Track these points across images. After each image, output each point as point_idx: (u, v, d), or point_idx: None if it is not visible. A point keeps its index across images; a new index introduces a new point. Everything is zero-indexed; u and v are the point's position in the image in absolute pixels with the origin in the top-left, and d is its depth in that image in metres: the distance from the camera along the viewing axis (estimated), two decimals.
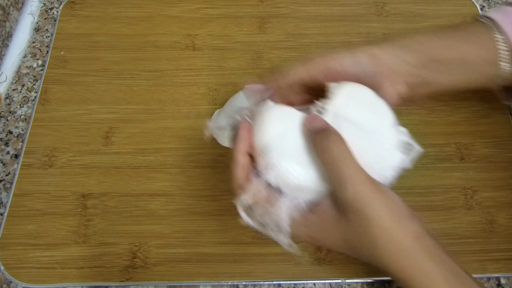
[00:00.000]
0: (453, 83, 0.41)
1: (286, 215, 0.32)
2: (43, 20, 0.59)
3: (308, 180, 0.32)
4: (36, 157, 0.48)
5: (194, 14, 0.58)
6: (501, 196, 0.47)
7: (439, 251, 0.31)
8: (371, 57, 0.38)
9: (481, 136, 0.50)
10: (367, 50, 0.38)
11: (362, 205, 0.30)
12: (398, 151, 0.34)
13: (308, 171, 0.32)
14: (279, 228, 0.32)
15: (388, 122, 0.35)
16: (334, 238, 0.33)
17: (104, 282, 0.42)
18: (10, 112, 0.52)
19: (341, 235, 0.32)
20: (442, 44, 0.39)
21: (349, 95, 0.35)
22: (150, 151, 0.49)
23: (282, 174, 0.32)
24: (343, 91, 0.35)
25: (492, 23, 0.40)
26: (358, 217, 0.31)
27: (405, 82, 0.38)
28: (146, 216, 0.45)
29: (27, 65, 0.55)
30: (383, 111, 0.36)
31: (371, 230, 0.31)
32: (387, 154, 0.34)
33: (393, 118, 0.35)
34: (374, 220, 0.30)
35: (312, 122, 0.34)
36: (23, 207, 0.46)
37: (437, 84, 0.40)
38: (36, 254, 0.43)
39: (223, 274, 0.43)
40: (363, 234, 0.31)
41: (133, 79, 0.53)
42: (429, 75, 0.39)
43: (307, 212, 0.33)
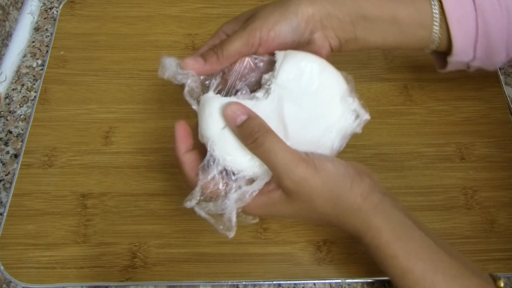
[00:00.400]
0: (383, 42, 0.41)
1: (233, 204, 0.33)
2: (42, 19, 0.59)
3: (252, 167, 0.34)
4: (36, 157, 0.48)
5: (194, 13, 0.58)
6: (501, 196, 0.46)
7: (387, 205, 0.33)
8: (303, 18, 0.37)
9: (481, 136, 0.50)
10: (299, 10, 0.37)
11: (302, 189, 0.32)
12: (345, 119, 0.35)
13: (252, 159, 0.33)
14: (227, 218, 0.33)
15: (336, 91, 0.35)
16: (287, 213, 0.35)
17: (104, 282, 0.42)
18: (10, 112, 0.52)
19: (292, 210, 0.34)
20: (374, 2, 0.39)
21: (295, 67, 0.35)
22: (150, 150, 0.49)
23: (227, 166, 0.34)
24: (288, 64, 0.35)
25: None
26: (302, 198, 0.33)
27: (336, 36, 0.39)
28: (146, 216, 0.45)
29: (27, 65, 0.55)
30: (331, 80, 0.35)
31: (316, 203, 0.33)
32: (334, 126, 0.35)
33: (342, 86, 0.35)
34: (317, 196, 0.33)
35: (234, 117, 0.33)
36: (22, 207, 0.46)
37: (367, 41, 0.40)
38: (35, 254, 0.43)
39: (223, 274, 0.43)
40: (310, 208, 0.34)
41: (133, 78, 0.53)
42: (360, 32, 0.39)
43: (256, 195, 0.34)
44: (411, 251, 0.32)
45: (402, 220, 0.34)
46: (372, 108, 0.47)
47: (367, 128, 0.50)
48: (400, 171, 0.48)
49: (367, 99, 0.52)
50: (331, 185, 0.33)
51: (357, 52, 0.42)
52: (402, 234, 0.33)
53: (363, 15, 0.39)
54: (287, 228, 0.45)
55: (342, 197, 0.33)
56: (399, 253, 0.32)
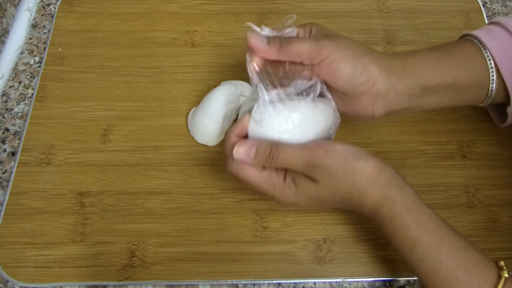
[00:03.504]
0: (438, 106, 0.42)
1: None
2: (40, 16, 0.58)
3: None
4: (33, 155, 0.48)
5: (193, 10, 0.58)
6: (503, 194, 0.46)
7: (399, 180, 0.37)
8: (366, 75, 0.38)
9: (483, 134, 0.49)
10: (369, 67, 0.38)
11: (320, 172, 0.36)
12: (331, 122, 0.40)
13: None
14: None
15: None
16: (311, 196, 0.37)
17: (102, 281, 0.42)
18: (7, 109, 0.51)
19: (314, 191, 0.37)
20: (434, 70, 0.40)
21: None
22: (149, 148, 0.48)
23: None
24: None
25: (479, 43, 0.41)
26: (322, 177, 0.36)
27: (384, 107, 0.39)
28: (144, 214, 0.45)
29: (24, 62, 0.55)
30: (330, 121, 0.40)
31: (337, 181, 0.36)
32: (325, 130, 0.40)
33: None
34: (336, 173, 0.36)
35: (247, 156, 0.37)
36: (20, 205, 0.45)
37: (421, 108, 0.42)
38: (33, 253, 0.43)
39: (222, 273, 0.42)
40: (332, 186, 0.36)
41: (131, 76, 0.53)
42: (414, 102, 0.40)
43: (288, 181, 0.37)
44: (421, 223, 0.35)
45: (413, 195, 0.36)
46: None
47: (368, 126, 0.50)
48: (401, 169, 0.47)
49: None
50: (345, 161, 0.36)
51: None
52: (414, 206, 0.36)
53: (424, 86, 0.40)
54: (287, 227, 0.44)
55: (359, 170, 0.36)
56: (411, 224, 0.35)
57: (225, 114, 0.46)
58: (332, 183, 0.36)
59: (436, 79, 0.40)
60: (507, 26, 0.41)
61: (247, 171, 0.38)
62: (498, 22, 0.43)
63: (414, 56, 0.40)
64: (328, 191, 0.37)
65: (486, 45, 0.41)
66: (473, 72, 0.41)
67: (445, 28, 0.57)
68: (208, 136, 0.48)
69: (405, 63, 0.40)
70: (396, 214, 0.36)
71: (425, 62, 0.40)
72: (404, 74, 0.39)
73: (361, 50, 0.39)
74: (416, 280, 0.42)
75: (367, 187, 0.36)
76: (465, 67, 0.41)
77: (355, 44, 0.39)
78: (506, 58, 0.40)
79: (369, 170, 0.36)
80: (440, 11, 0.58)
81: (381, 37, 0.56)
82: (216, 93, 0.47)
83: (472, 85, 0.41)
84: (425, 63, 0.40)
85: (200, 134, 0.48)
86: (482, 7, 0.59)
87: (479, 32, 0.42)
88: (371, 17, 0.57)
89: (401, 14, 0.58)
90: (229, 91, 0.46)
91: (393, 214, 0.36)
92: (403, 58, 0.40)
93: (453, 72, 0.40)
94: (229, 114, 0.47)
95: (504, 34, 0.41)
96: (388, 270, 0.42)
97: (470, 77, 0.41)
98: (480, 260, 0.34)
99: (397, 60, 0.40)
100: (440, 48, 0.42)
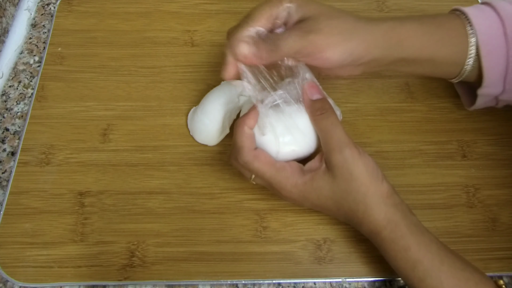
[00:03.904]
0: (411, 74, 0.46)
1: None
2: (40, 15, 0.58)
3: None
4: (33, 155, 0.48)
5: (193, 9, 0.58)
6: (504, 194, 0.46)
7: (404, 207, 0.38)
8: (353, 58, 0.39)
9: (483, 133, 0.49)
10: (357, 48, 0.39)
11: (348, 165, 0.37)
12: None
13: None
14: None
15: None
16: (323, 194, 0.38)
17: (102, 281, 0.42)
18: (7, 109, 0.51)
19: (328, 190, 0.37)
20: (417, 45, 0.41)
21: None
22: (148, 148, 0.48)
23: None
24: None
25: (467, 20, 0.41)
26: (344, 173, 0.37)
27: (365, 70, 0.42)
28: (144, 214, 0.45)
29: (24, 62, 0.55)
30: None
31: (354, 184, 0.37)
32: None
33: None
34: (356, 177, 0.37)
35: (312, 93, 0.39)
36: (19, 205, 0.45)
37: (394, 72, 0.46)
38: (33, 253, 0.43)
39: (222, 273, 0.42)
40: (347, 188, 0.37)
41: (131, 75, 0.53)
42: (391, 67, 0.43)
43: (298, 175, 0.38)
44: (421, 244, 0.36)
45: (415, 221, 0.37)
46: (373, 105, 0.48)
47: (368, 126, 0.50)
48: (401, 169, 0.47)
49: (368, 96, 0.52)
50: (370, 173, 0.37)
51: None
52: (415, 230, 0.37)
53: (404, 57, 0.41)
54: (287, 227, 0.44)
55: (375, 187, 0.37)
56: (412, 246, 0.36)
57: (225, 114, 0.46)
58: (347, 186, 0.37)
59: (416, 53, 0.41)
60: (498, 8, 0.41)
61: (262, 161, 0.38)
62: (490, 3, 0.43)
63: (402, 26, 0.41)
64: (340, 194, 0.37)
65: (473, 22, 0.41)
66: (454, 50, 0.42)
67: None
68: (208, 135, 0.48)
69: (391, 34, 0.40)
70: (398, 236, 0.36)
71: (411, 34, 0.41)
72: (388, 46, 0.40)
73: (349, 30, 0.39)
74: None
75: (375, 205, 0.37)
76: (447, 45, 0.41)
77: (342, 22, 0.39)
78: (489, 38, 0.41)
79: (382, 190, 0.37)
80: (440, 10, 0.57)
81: None
82: (216, 92, 0.47)
83: (449, 62, 0.42)
84: (410, 35, 0.41)
85: (200, 133, 0.48)
86: None
87: (470, 9, 0.42)
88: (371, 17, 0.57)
89: (401, 14, 0.58)
90: (229, 90, 0.46)
91: (395, 236, 0.36)
92: (391, 28, 0.40)
93: (435, 49, 0.41)
94: (229, 113, 0.47)
95: (493, 16, 0.41)
96: (388, 270, 0.42)
97: (449, 54, 0.42)
98: (479, 279, 0.35)
99: (385, 31, 0.40)
100: (430, 20, 0.42)
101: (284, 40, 0.37)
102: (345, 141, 0.37)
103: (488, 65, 0.41)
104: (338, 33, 0.38)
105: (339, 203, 0.38)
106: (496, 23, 0.41)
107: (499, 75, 0.41)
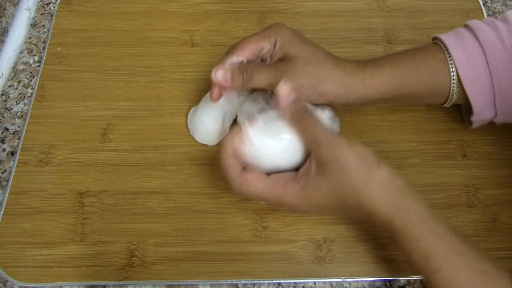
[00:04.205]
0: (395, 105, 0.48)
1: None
2: (39, 15, 0.58)
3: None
4: (33, 155, 0.48)
5: (193, 9, 0.58)
6: (504, 194, 0.46)
7: (411, 191, 0.36)
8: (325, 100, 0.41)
9: (484, 133, 0.49)
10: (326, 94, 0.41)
11: (337, 159, 0.35)
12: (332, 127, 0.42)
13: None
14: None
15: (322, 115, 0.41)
16: (323, 196, 0.36)
17: (102, 281, 0.42)
18: (6, 109, 0.51)
19: (326, 190, 0.36)
20: (396, 87, 0.42)
21: None
22: (148, 148, 0.48)
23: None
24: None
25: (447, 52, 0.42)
26: (336, 169, 0.35)
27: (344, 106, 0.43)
28: (144, 214, 0.45)
29: (24, 61, 0.55)
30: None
31: (348, 177, 0.35)
32: None
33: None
34: (349, 169, 0.35)
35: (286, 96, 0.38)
36: (19, 205, 0.45)
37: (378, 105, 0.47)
38: (32, 253, 0.43)
39: (222, 273, 0.42)
40: (343, 183, 0.35)
41: (131, 75, 0.53)
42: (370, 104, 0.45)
43: (292, 183, 0.37)
44: (436, 233, 0.34)
45: (425, 205, 0.35)
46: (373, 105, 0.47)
47: (368, 126, 0.50)
48: (402, 169, 0.47)
49: None
50: (362, 159, 0.36)
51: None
52: (428, 216, 0.35)
53: (383, 98, 0.42)
54: (287, 227, 0.44)
55: (374, 171, 0.35)
56: (425, 235, 0.34)
57: (224, 114, 0.46)
58: (343, 181, 0.35)
59: (396, 93, 0.42)
60: (479, 36, 0.41)
61: (251, 183, 0.37)
62: (472, 29, 0.43)
63: (380, 73, 0.41)
64: (339, 191, 0.36)
65: (452, 55, 0.41)
66: (435, 85, 0.43)
67: (445, 27, 0.56)
68: (208, 135, 0.47)
69: (368, 83, 0.41)
70: (409, 225, 0.35)
71: (389, 80, 0.42)
72: (364, 93, 0.41)
73: (322, 76, 0.40)
74: (417, 280, 0.42)
75: (379, 191, 0.35)
76: (428, 82, 0.42)
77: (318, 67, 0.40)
78: (470, 68, 0.41)
79: (382, 173, 0.36)
80: (441, 10, 0.58)
81: (381, 36, 0.56)
82: None
83: (431, 95, 0.44)
84: (389, 81, 0.42)
85: (200, 133, 0.48)
86: (482, 6, 0.58)
87: (449, 37, 0.43)
88: (371, 16, 0.57)
89: (401, 13, 0.58)
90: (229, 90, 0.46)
91: (406, 224, 0.35)
92: (367, 76, 0.41)
93: (415, 87, 0.42)
94: (229, 113, 0.47)
95: (474, 45, 0.42)
96: (388, 269, 0.42)
97: (430, 89, 0.43)
98: (497, 271, 0.33)
99: (361, 80, 0.41)
100: (408, 59, 0.43)
101: (258, 75, 0.40)
102: (329, 136, 0.36)
103: (474, 94, 0.42)
104: (310, 78, 0.40)
105: (341, 200, 0.36)
106: (477, 53, 0.41)
107: (487, 101, 0.42)
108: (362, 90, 0.41)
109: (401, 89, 0.42)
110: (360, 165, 0.35)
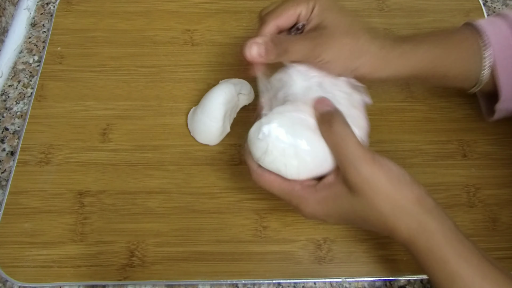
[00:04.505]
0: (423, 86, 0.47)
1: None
2: (39, 15, 0.58)
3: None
4: (32, 154, 0.48)
5: (193, 9, 0.58)
6: (504, 193, 0.46)
7: (440, 212, 0.35)
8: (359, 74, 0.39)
9: (484, 133, 0.49)
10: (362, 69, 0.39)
11: (367, 185, 0.34)
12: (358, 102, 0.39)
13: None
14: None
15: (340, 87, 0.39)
16: (346, 210, 0.35)
17: (101, 281, 0.42)
18: (6, 109, 0.51)
19: (351, 207, 0.35)
20: (430, 67, 0.41)
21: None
22: (148, 148, 0.48)
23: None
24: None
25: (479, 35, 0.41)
26: (366, 190, 0.34)
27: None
28: (144, 214, 0.45)
29: (23, 61, 0.55)
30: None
31: (378, 199, 0.34)
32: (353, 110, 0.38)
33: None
34: (380, 191, 0.34)
35: (320, 105, 0.36)
36: (19, 205, 0.45)
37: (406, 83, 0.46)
38: (32, 253, 0.43)
39: (222, 273, 0.42)
40: (371, 205, 0.34)
41: (130, 75, 0.53)
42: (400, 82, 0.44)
43: (319, 190, 0.36)
44: (461, 256, 0.33)
45: (452, 226, 0.34)
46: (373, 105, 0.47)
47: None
48: None
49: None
50: (394, 182, 0.34)
51: None
52: (453, 239, 0.34)
53: (415, 76, 0.41)
54: (287, 227, 0.44)
55: (403, 195, 0.34)
56: (450, 257, 0.33)
57: (225, 113, 0.46)
58: (372, 203, 0.34)
59: (429, 73, 0.41)
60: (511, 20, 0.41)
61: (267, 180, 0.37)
62: (502, 15, 0.43)
63: (416, 51, 0.40)
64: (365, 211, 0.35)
65: (486, 38, 0.41)
66: (467, 68, 0.42)
67: (445, 27, 0.56)
68: (208, 135, 0.47)
69: (403, 61, 0.40)
70: (434, 246, 0.33)
71: (424, 58, 0.41)
72: (398, 69, 0.40)
73: (358, 50, 0.38)
74: (417, 280, 0.42)
75: (405, 215, 0.34)
76: (460, 64, 0.41)
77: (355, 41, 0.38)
78: (503, 52, 0.41)
79: (411, 197, 0.34)
80: (441, 9, 0.58)
81: None
82: (215, 92, 0.46)
83: (462, 78, 0.43)
84: (423, 59, 0.41)
85: (200, 133, 0.48)
86: (482, 5, 0.58)
87: (483, 23, 0.42)
88: (372, 16, 0.57)
89: (402, 13, 0.58)
90: (228, 89, 0.46)
91: (431, 246, 0.34)
92: (403, 52, 0.40)
93: (447, 69, 0.41)
94: (229, 113, 0.47)
95: (506, 29, 0.41)
96: (388, 269, 0.42)
97: (463, 72, 0.42)
98: None
99: (396, 56, 0.40)
100: (443, 40, 0.42)
101: (294, 48, 0.38)
102: (360, 155, 0.34)
103: (504, 79, 0.41)
104: (347, 51, 0.38)
105: (364, 218, 0.35)
106: (509, 37, 0.41)
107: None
108: (396, 66, 0.40)
109: (434, 68, 0.41)
110: (391, 187, 0.34)
